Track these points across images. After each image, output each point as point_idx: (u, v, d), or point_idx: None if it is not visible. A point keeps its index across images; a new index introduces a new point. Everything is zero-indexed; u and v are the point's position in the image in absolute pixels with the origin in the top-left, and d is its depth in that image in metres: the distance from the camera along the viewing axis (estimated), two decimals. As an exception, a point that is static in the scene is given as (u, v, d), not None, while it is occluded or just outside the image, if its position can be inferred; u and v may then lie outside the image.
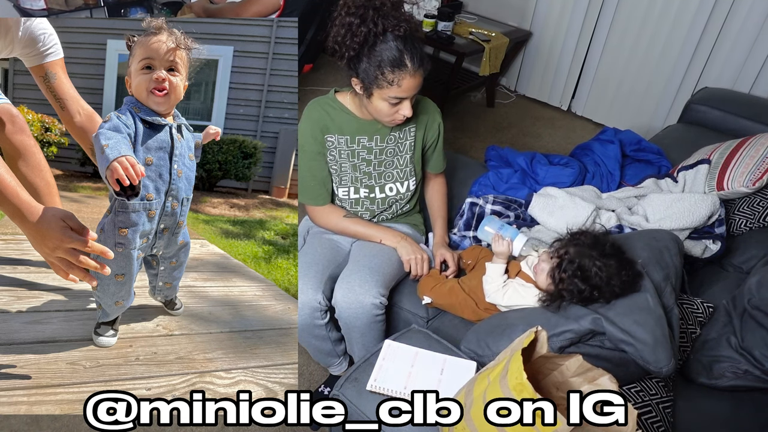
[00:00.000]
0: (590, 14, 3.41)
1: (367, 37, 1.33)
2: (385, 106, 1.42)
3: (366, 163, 1.58)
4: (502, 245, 1.46)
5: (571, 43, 3.56)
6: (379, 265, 1.50)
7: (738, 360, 1.35)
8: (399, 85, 1.37)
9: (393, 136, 1.58)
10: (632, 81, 3.42)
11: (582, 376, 0.99)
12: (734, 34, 2.96)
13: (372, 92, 1.40)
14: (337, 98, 1.56)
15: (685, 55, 3.15)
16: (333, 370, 1.73)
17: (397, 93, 1.38)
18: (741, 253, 1.75)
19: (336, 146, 1.56)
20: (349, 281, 1.46)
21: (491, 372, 0.96)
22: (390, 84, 1.36)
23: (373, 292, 1.44)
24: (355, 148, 1.56)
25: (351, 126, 1.55)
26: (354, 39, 1.34)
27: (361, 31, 1.32)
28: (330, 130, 1.55)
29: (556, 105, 3.84)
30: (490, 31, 3.46)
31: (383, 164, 1.60)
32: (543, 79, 3.81)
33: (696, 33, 3.06)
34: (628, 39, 3.33)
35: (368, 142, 1.56)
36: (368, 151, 1.57)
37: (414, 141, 1.61)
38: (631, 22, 3.28)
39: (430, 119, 1.63)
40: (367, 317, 1.45)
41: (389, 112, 1.43)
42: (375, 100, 1.42)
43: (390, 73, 1.35)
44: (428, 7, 3.45)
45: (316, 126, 1.54)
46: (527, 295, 1.39)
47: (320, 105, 1.56)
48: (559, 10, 3.52)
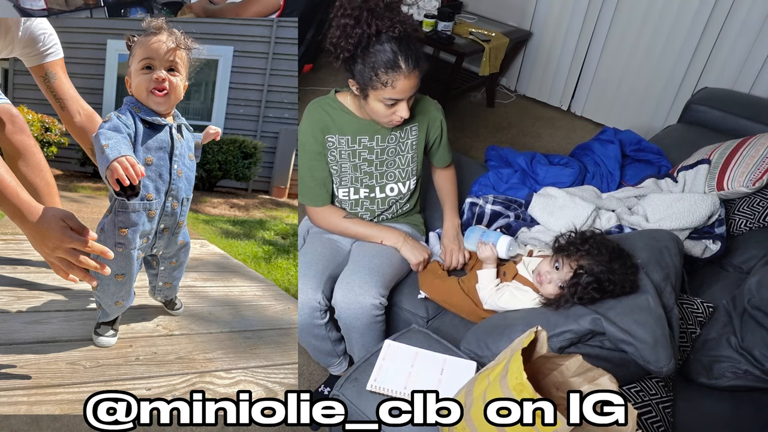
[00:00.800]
0: (590, 14, 3.41)
1: (361, 39, 1.32)
2: (381, 108, 1.42)
3: (367, 163, 1.58)
4: (485, 251, 1.48)
5: (571, 43, 3.56)
6: (379, 266, 1.50)
7: (738, 360, 1.35)
8: (393, 86, 1.36)
9: (394, 135, 1.57)
10: (632, 81, 3.42)
11: (582, 376, 0.99)
12: (734, 34, 2.96)
13: (368, 93, 1.40)
14: (338, 98, 1.56)
15: (685, 55, 3.15)
16: (333, 370, 1.73)
17: (392, 94, 1.38)
18: (741, 253, 1.75)
19: (337, 146, 1.56)
20: (349, 281, 1.45)
21: (491, 372, 0.96)
22: (384, 85, 1.36)
23: (373, 293, 1.44)
24: (357, 148, 1.56)
25: (352, 126, 1.54)
26: (348, 40, 1.33)
27: (355, 33, 1.32)
28: (331, 130, 1.55)
29: (556, 105, 3.84)
30: (490, 31, 3.46)
31: (385, 164, 1.60)
32: (543, 79, 3.81)
33: (696, 33, 3.06)
34: (628, 39, 3.33)
35: (369, 142, 1.56)
36: (369, 151, 1.57)
37: (416, 140, 1.61)
38: (631, 22, 3.28)
39: (432, 118, 1.63)
40: (367, 318, 1.45)
41: (386, 113, 1.43)
42: (371, 101, 1.42)
43: (384, 74, 1.34)
44: (428, 7, 3.45)
45: (317, 126, 1.54)
46: (524, 299, 1.39)
47: (321, 105, 1.55)
48: (559, 10, 3.52)
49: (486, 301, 1.43)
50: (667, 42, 3.18)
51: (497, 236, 1.50)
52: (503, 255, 1.48)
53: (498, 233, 1.52)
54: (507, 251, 1.47)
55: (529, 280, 1.42)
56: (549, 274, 1.35)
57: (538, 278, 1.37)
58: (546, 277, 1.35)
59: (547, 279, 1.35)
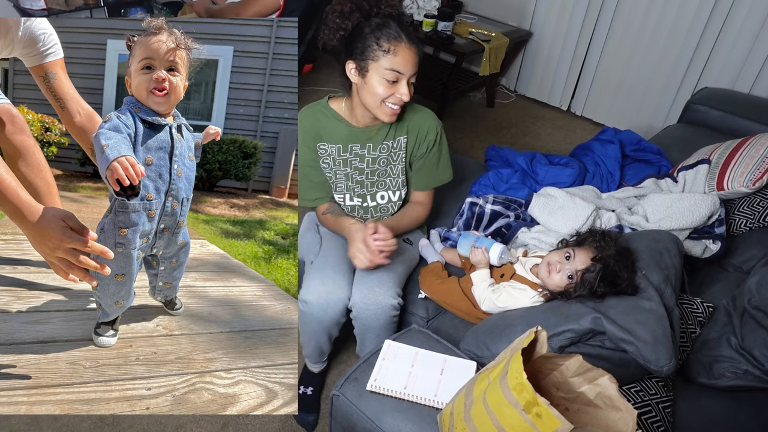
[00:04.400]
0: (590, 14, 3.41)
1: (360, 19, 1.37)
2: (381, 88, 1.39)
3: (358, 171, 1.57)
4: (477, 254, 1.49)
5: (571, 43, 3.56)
6: (394, 267, 1.50)
7: (738, 360, 1.35)
8: (395, 53, 1.36)
9: (386, 145, 1.55)
10: (632, 81, 3.42)
11: (582, 376, 0.99)
12: (734, 34, 2.96)
13: (368, 69, 1.39)
14: (330, 105, 1.55)
15: (685, 55, 3.15)
16: (317, 368, 1.74)
17: (393, 64, 1.37)
18: (741, 253, 1.75)
19: (329, 154, 1.55)
20: (368, 281, 1.45)
21: (491, 372, 0.96)
22: (386, 53, 1.36)
23: (392, 293, 1.44)
24: (348, 156, 1.55)
25: (343, 133, 1.53)
26: (346, 22, 1.38)
27: (354, 16, 1.37)
28: (322, 138, 1.54)
29: (555, 105, 3.84)
30: (490, 31, 3.46)
31: (376, 173, 1.58)
32: (543, 79, 3.81)
33: (696, 33, 3.06)
34: (628, 39, 3.33)
35: (360, 150, 1.55)
36: (360, 159, 1.56)
37: (406, 152, 1.59)
38: (631, 22, 3.28)
39: (429, 130, 1.58)
40: (385, 318, 1.45)
41: (386, 92, 1.40)
42: (371, 78, 1.39)
43: (386, 41, 1.35)
44: (428, 7, 3.45)
45: (308, 135, 1.54)
46: (522, 298, 1.39)
47: (312, 113, 1.55)
48: (559, 10, 3.52)
49: (482, 302, 1.43)
50: (667, 42, 3.18)
51: (490, 243, 1.50)
52: (495, 262, 1.48)
53: (491, 240, 1.52)
54: (499, 258, 1.47)
55: (527, 279, 1.42)
56: (559, 264, 1.35)
57: (546, 268, 1.36)
58: (556, 266, 1.35)
59: (556, 269, 1.34)
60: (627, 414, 0.92)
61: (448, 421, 1.02)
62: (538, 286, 1.39)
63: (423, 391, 1.15)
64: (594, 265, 1.29)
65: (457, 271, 1.64)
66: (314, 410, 1.72)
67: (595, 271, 1.28)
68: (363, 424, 1.15)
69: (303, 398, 1.74)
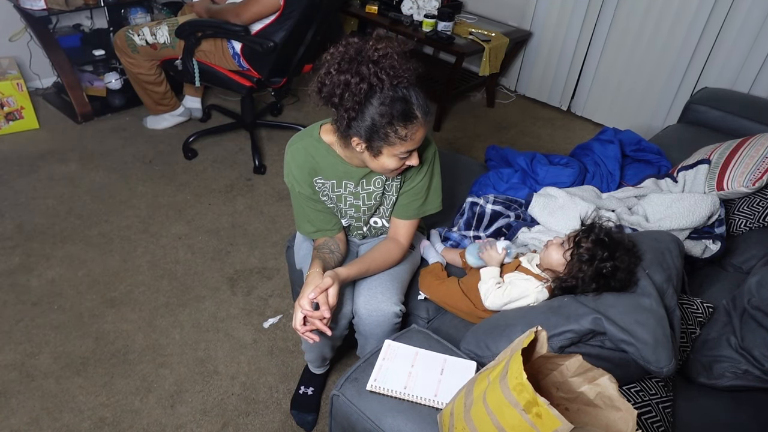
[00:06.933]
0: (590, 14, 3.41)
1: (368, 94, 1.18)
2: (393, 162, 1.30)
3: (354, 208, 1.52)
4: (491, 253, 1.48)
5: (571, 43, 3.56)
6: (397, 272, 1.50)
7: (738, 360, 1.35)
8: (412, 138, 1.25)
9: (380, 179, 1.46)
10: (632, 81, 3.42)
11: (582, 376, 0.99)
12: (734, 34, 2.96)
13: (380, 151, 1.27)
14: (323, 138, 1.41)
15: (684, 55, 3.15)
16: (320, 370, 1.75)
17: (409, 147, 1.26)
18: (741, 253, 1.75)
19: (327, 186, 1.48)
20: (371, 289, 1.45)
21: (491, 372, 0.96)
22: (403, 140, 1.23)
23: (394, 300, 1.44)
24: (342, 192, 1.48)
25: (338, 170, 1.43)
26: (354, 98, 1.18)
27: (361, 89, 1.17)
28: (317, 172, 1.44)
29: (555, 105, 3.84)
30: (490, 31, 3.46)
31: (372, 208, 1.53)
32: (543, 79, 3.81)
33: (696, 33, 3.06)
34: (628, 39, 3.33)
35: (354, 188, 1.47)
36: (355, 197, 1.49)
37: (401, 182, 1.50)
38: (631, 22, 3.28)
39: (425, 160, 1.45)
40: (388, 325, 1.45)
41: (397, 166, 1.31)
42: (383, 158, 1.29)
43: (402, 128, 1.21)
44: (428, 7, 3.45)
45: (304, 170, 1.43)
46: (526, 286, 1.39)
47: (305, 148, 1.42)
48: (559, 10, 3.52)
49: (486, 297, 1.42)
50: (666, 42, 3.18)
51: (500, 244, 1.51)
52: (509, 259, 1.49)
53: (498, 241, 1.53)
54: (510, 254, 1.49)
55: (531, 271, 1.43)
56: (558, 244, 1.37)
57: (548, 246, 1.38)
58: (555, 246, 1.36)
59: (556, 247, 1.36)
60: (627, 414, 0.92)
61: (448, 421, 1.02)
62: (542, 278, 1.40)
63: (423, 391, 1.15)
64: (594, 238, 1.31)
65: (457, 271, 1.64)
66: (314, 410, 1.73)
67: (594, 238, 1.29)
68: (363, 424, 1.15)
69: (303, 398, 1.74)
